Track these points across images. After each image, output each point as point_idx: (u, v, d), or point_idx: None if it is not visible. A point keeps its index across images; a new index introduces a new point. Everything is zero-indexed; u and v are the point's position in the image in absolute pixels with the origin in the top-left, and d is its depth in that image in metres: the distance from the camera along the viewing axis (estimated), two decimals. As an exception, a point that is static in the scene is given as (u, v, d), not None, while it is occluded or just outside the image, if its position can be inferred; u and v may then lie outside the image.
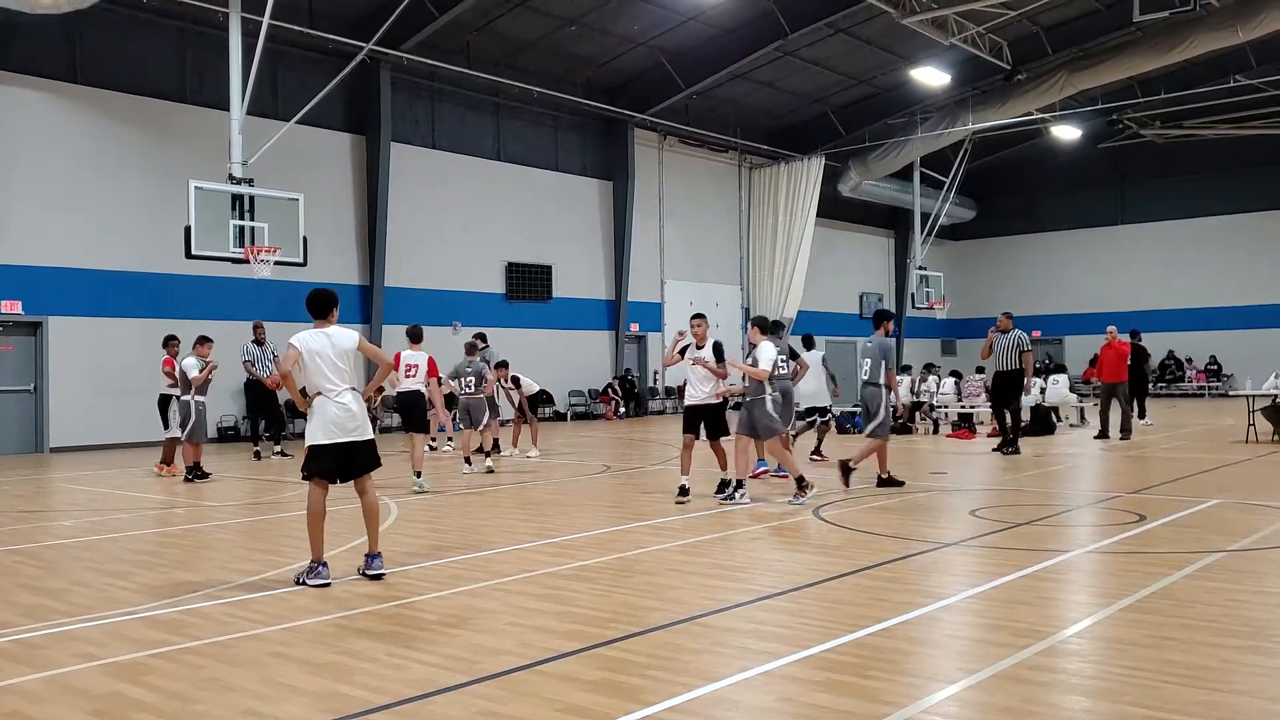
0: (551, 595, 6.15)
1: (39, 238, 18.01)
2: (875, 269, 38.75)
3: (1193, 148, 35.15)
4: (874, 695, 4.22)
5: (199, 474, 13.11)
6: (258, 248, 15.32)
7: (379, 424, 22.74)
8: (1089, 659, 4.74)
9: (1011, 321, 15.13)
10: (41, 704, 4.32)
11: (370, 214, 22.43)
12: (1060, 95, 27.25)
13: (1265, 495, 10.01)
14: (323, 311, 6.82)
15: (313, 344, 6.69)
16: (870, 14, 23.95)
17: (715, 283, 31.72)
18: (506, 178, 25.47)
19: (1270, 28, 22.93)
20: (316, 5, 21.06)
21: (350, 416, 6.65)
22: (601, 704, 4.16)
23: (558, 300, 26.23)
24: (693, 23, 24.46)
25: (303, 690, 4.42)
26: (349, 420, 6.65)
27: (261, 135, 16.31)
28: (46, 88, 18.19)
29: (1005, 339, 14.92)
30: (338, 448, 6.60)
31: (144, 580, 6.88)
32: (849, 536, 8.12)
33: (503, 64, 24.51)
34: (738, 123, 30.89)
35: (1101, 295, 36.81)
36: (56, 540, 8.67)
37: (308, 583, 6.50)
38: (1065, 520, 8.94)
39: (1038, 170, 38.45)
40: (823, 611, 5.65)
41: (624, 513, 9.64)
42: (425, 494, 11.21)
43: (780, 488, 11.19)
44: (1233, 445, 15.74)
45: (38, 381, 18.21)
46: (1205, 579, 6.28)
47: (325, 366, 6.66)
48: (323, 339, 6.72)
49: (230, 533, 9.04)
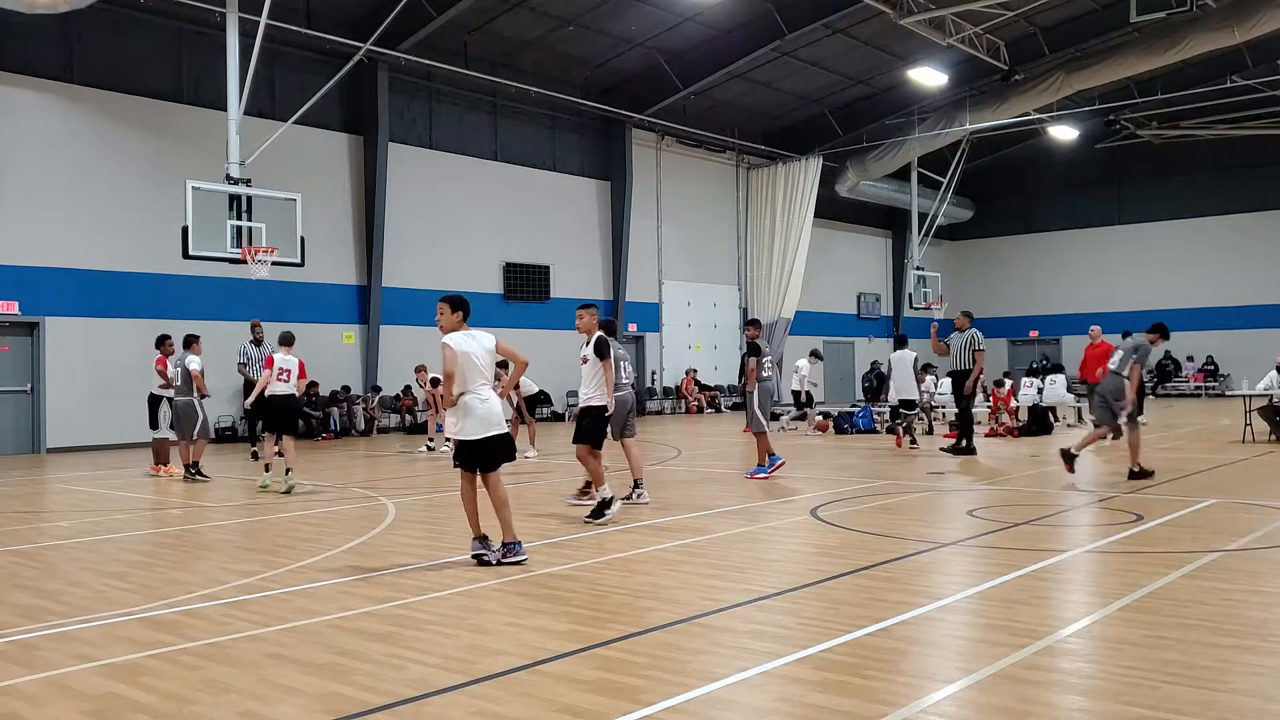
0: (550, 595, 6.15)
1: (36, 238, 17.99)
2: (873, 269, 38.78)
3: (1190, 148, 35.20)
4: (872, 695, 4.22)
5: (201, 474, 13.18)
6: (255, 248, 15.31)
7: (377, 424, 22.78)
8: (1086, 659, 4.74)
9: (969, 321, 15.11)
10: (38, 705, 4.31)
11: (368, 214, 22.42)
12: (1058, 95, 27.28)
13: (1262, 495, 10.02)
14: (467, 313, 7.22)
15: (465, 345, 7.04)
16: (867, 14, 23.98)
17: (713, 283, 31.74)
18: (504, 178, 25.47)
19: (1267, 28, 22.97)
20: (314, 5, 21.06)
21: (496, 413, 7.08)
22: (600, 704, 4.15)
23: (556, 300, 26.23)
24: (690, 23, 24.47)
25: (301, 691, 4.42)
26: (496, 417, 7.08)
27: (259, 135, 16.30)
28: (43, 88, 18.17)
29: (960, 338, 14.94)
30: (485, 441, 7.00)
31: (141, 581, 6.87)
32: (847, 537, 8.12)
33: (500, 64, 24.52)
34: (735, 123, 30.91)
35: (1099, 295, 36.84)
36: (53, 541, 8.66)
37: (503, 560, 6.97)
38: (1063, 520, 8.94)
39: (1035, 171, 38.50)
40: (821, 611, 5.65)
41: (622, 513, 9.63)
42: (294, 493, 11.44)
43: (767, 491, 11.18)
44: (1229, 445, 15.76)
45: (34, 382, 18.19)
46: (1202, 579, 6.29)
47: (475, 365, 7.03)
48: (471, 340, 7.07)
49: (228, 533, 9.03)
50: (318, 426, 21.20)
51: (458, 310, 7.07)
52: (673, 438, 20.05)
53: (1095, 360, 17.07)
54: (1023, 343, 39.89)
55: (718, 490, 11.36)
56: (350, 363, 22.51)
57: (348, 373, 22.30)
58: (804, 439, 19.27)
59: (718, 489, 11.49)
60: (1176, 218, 36.48)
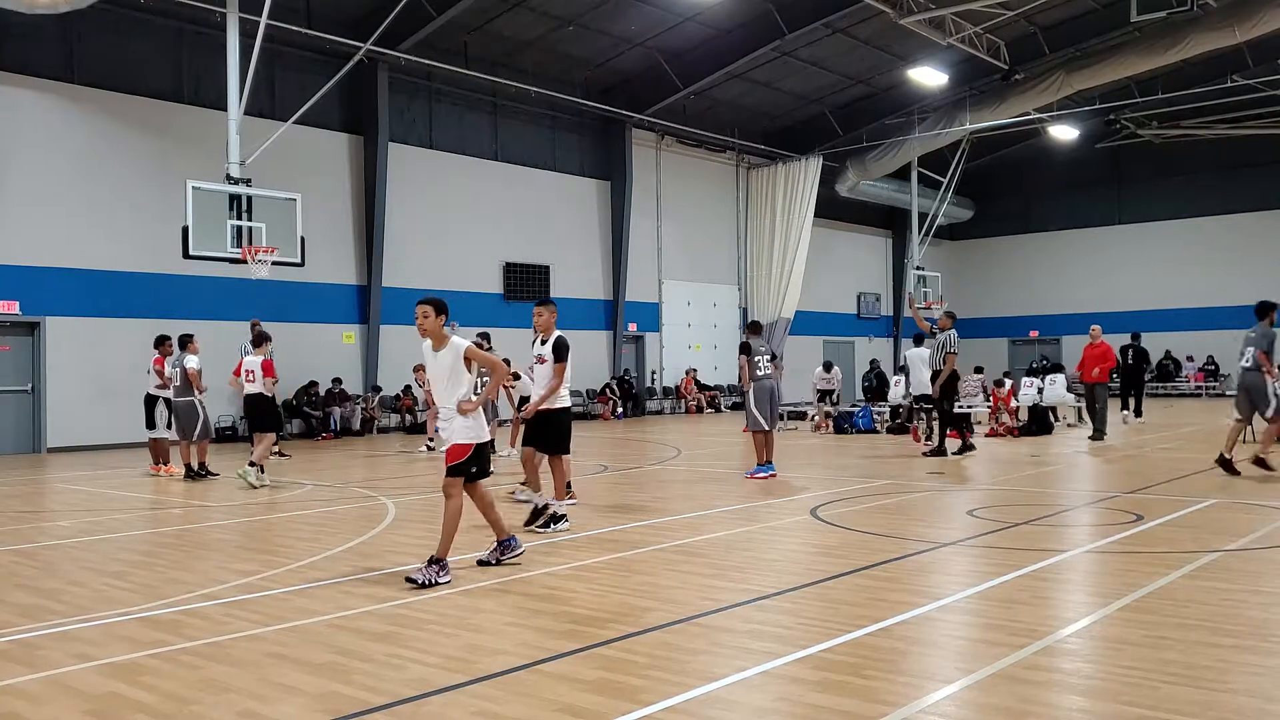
0: (549, 595, 6.15)
1: (36, 238, 17.99)
2: (873, 269, 38.78)
3: (1190, 148, 35.19)
4: (872, 695, 4.22)
5: (208, 472, 13.35)
6: (255, 248, 15.31)
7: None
8: (1086, 659, 4.74)
9: (951, 322, 15.16)
10: (38, 704, 4.31)
11: (368, 214, 22.42)
12: (1058, 95, 27.27)
13: (1262, 495, 10.02)
14: (448, 316, 7.17)
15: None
16: (867, 14, 23.97)
17: (713, 283, 31.74)
18: (504, 178, 25.47)
19: (1267, 28, 22.96)
20: (314, 5, 21.06)
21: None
22: (600, 704, 4.16)
23: (556, 300, 26.15)
24: (690, 23, 24.47)
25: (300, 690, 4.42)
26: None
27: (259, 135, 16.30)
28: (44, 88, 18.17)
29: (937, 339, 15.07)
30: (482, 445, 6.91)
31: (141, 580, 6.87)
32: (847, 536, 8.12)
33: (500, 64, 24.52)
34: (735, 123, 30.90)
35: (1099, 295, 36.83)
36: (54, 540, 8.66)
37: (504, 559, 7.06)
38: (1063, 520, 8.94)
39: (1035, 170, 38.49)
40: (821, 611, 5.65)
41: (621, 512, 9.63)
42: (261, 487, 11.91)
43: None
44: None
45: (35, 382, 18.20)
46: (1202, 579, 6.29)
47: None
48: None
49: (227, 533, 9.03)
50: (318, 426, 21.20)
51: (442, 314, 6.84)
52: (673, 437, 20.05)
53: (1093, 360, 17.08)
54: (1023, 342, 39.88)
55: (717, 490, 11.36)
56: (350, 362, 22.51)
57: (348, 372, 22.29)
58: (804, 438, 19.27)
59: (717, 489, 11.48)
60: (1177, 217, 36.48)
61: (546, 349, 9.19)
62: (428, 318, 6.81)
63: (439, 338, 6.86)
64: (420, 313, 6.83)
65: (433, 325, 6.81)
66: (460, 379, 6.79)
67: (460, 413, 6.75)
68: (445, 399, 6.83)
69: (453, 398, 6.79)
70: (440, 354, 6.83)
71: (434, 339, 6.86)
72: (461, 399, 6.77)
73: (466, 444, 6.73)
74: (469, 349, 6.79)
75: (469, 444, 6.75)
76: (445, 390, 6.83)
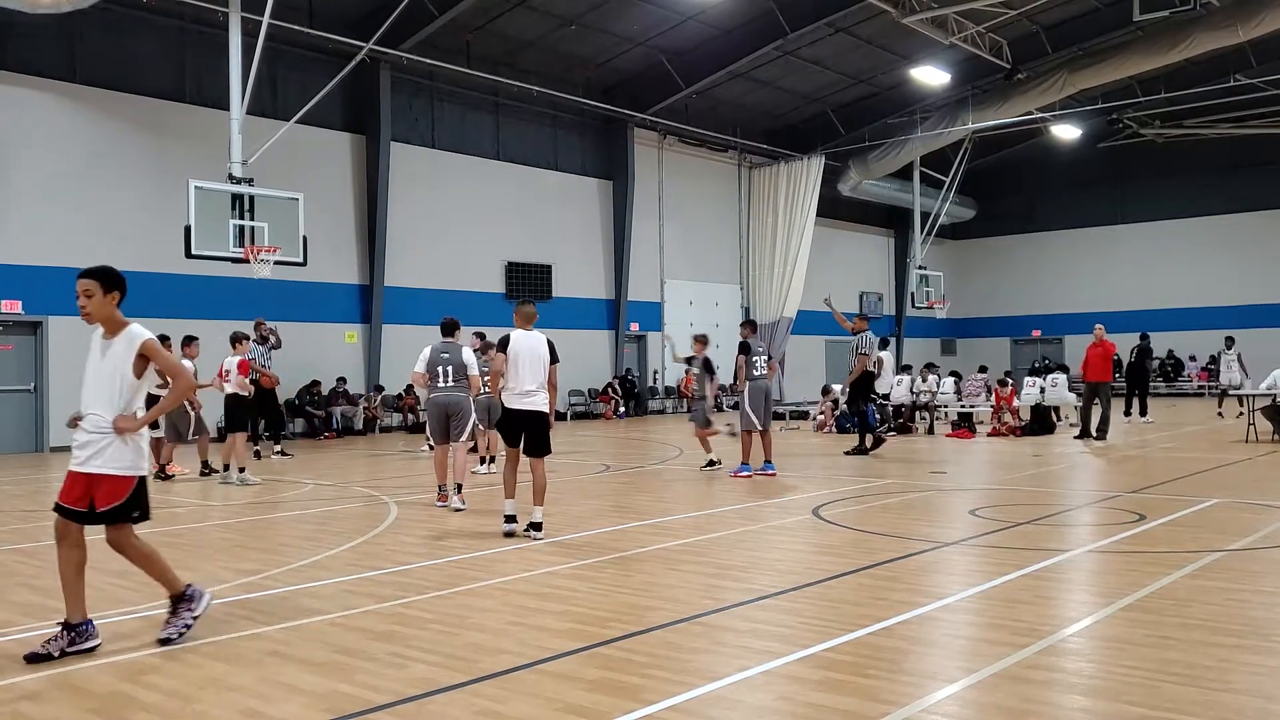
0: (551, 594, 6.16)
1: (39, 237, 18.00)
2: (875, 268, 38.74)
3: (1193, 147, 35.16)
4: (873, 694, 4.22)
5: (211, 470, 13.48)
6: (257, 247, 15.33)
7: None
8: (1088, 658, 4.74)
9: (865, 323, 15.60)
10: (42, 703, 4.32)
11: (370, 213, 22.43)
12: (1060, 94, 27.25)
13: (1264, 495, 10.01)
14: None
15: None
16: (870, 13, 23.95)
17: (715, 282, 31.73)
18: (506, 177, 25.47)
19: (1270, 27, 22.93)
20: (316, 5, 21.06)
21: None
22: (601, 703, 4.16)
23: (558, 300, 26.22)
24: (692, 22, 24.46)
25: (302, 689, 4.42)
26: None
27: (261, 135, 16.32)
28: (46, 87, 18.19)
29: (851, 341, 15.46)
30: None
31: (143, 579, 6.84)
32: (848, 536, 8.12)
33: (502, 63, 24.52)
34: (737, 122, 30.89)
35: (1101, 295, 36.80)
36: (56, 540, 8.66)
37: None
38: (1065, 520, 8.94)
39: (1038, 170, 38.46)
40: (822, 611, 5.66)
41: (623, 512, 9.64)
42: (244, 486, 12.16)
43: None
44: (1232, 445, 15.74)
45: (38, 381, 18.21)
46: (1204, 578, 6.29)
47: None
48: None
49: (230, 532, 9.04)
50: (320, 425, 21.21)
51: (113, 290, 5.31)
52: (674, 437, 20.06)
53: (1096, 359, 17.03)
54: (1025, 342, 39.86)
55: (719, 490, 11.36)
56: (353, 362, 22.52)
57: (350, 372, 22.29)
58: (805, 438, 19.27)
59: (719, 488, 11.49)
60: (1179, 217, 36.44)
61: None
62: (91, 296, 5.13)
63: (111, 323, 5.21)
64: (81, 290, 5.09)
65: (97, 306, 5.17)
66: (127, 383, 5.14)
67: (117, 432, 5.04)
68: (101, 406, 5.06)
69: (111, 407, 5.05)
70: (112, 343, 5.20)
71: (104, 324, 5.21)
72: (122, 412, 5.06)
73: (124, 477, 5.10)
74: (148, 344, 5.19)
75: (128, 478, 5.12)
76: (104, 395, 5.09)
